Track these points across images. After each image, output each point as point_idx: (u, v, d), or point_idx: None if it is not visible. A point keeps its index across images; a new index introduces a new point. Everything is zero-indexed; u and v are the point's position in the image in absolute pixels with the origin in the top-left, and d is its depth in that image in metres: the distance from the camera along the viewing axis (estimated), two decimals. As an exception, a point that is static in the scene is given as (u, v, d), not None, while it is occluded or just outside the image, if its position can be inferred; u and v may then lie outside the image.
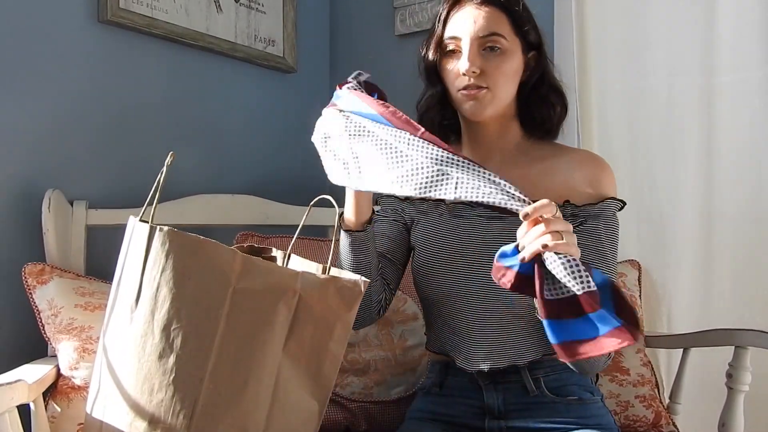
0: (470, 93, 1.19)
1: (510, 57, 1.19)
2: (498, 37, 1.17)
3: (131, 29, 1.69)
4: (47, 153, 1.54)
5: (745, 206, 1.64)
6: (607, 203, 1.21)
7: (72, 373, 1.30)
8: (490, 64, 1.18)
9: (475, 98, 1.19)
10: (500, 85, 1.19)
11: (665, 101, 1.73)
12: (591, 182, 1.21)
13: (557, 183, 1.22)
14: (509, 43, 1.18)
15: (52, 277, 1.39)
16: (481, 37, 1.17)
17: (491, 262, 1.05)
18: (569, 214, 1.19)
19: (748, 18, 1.63)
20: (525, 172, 1.23)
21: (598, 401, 1.24)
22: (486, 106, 1.20)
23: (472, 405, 1.23)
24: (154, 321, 0.92)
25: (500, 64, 1.18)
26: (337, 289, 1.00)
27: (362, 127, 1.09)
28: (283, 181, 2.10)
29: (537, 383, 1.20)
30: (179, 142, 1.82)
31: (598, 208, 1.20)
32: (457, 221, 1.24)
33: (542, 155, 1.26)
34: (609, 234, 1.20)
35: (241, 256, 0.93)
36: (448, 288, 1.22)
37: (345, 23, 2.29)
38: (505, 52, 1.18)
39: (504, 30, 1.18)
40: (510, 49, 1.19)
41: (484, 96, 1.19)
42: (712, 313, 1.68)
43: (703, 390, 1.61)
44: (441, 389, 1.28)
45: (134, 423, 0.93)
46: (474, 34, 1.18)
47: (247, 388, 0.94)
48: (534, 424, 1.19)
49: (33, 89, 1.52)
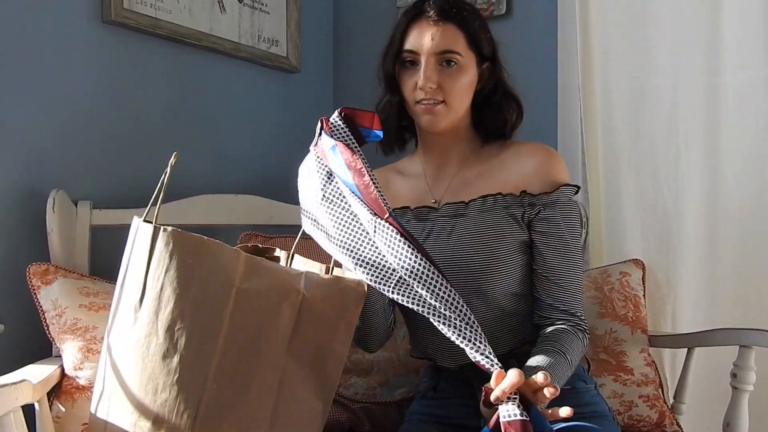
0: (427, 107, 1.24)
1: (465, 71, 1.23)
2: (454, 54, 1.22)
3: (135, 29, 1.69)
4: (51, 153, 1.54)
5: (749, 205, 1.64)
6: (562, 190, 1.24)
7: (76, 373, 1.30)
8: (446, 79, 1.23)
9: (431, 112, 1.24)
10: (456, 98, 1.24)
11: (670, 101, 1.73)
12: (543, 171, 1.26)
13: (512, 175, 1.27)
14: (464, 59, 1.23)
15: (57, 278, 1.39)
16: (438, 54, 1.22)
17: (457, 259, 1.19)
18: (527, 204, 1.24)
19: (752, 18, 1.62)
20: (481, 170, 1.29)
21: (592, 389, 1.26)
22: (442, 120, 1.25)
23: (466, 405, 1.24)
24: (158, 321, 0.92)
25: (456, 78, 1.23)
26: (341, 289, 1.01)
27: (340, 195, 1.10)
28: (287, 181, 2.08)
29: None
30: (183, 142, 1.82)
31: (554, 196, 1.24)
32: (423, 224, 1.28)
33: (496, 152, 1.31)
34: (567, 219, 1.24)
35: (245, 257, 0.93)
36: None
37: (348, 23, 2.29)
38: (460, 67, 1.23)
39: (459, 46, 1.22)
40: (465, 63, 1.23)
41: (440, 110, 1.24)
42: (717, 312, 1.67)
43: (708, 390, 1.61)
44: (435, 392, 1.30)
45: (138, 423, 0.93)
46: (431, 50, 1.22)
47: (251, 388, 0.94)
48: None
49: (37, 90, 1.52)
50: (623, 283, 1.61)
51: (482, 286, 1.20)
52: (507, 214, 1.23)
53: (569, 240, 1.23)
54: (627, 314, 1.56)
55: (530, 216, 1.23)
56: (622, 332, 1.55)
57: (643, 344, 1.55)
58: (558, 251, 1.22)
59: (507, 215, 1.23)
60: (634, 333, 1.55)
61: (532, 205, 1.23)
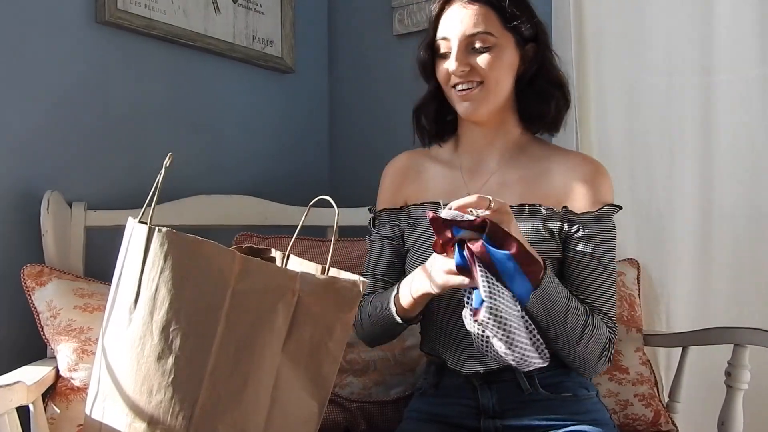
0: (463, 94, 1.21)
1: (500, 52, 1.20)
2: (485, 35, 1.19)
3: (129, 30, 1.69)
4: (46, 154, 1.54)
5: (743, 204, 1.64)
6: (605, 210, 1.21)
7: (71, 375, 1.30)
8: (479, 61, 1.19)
9: (468, 98, 1.21)
10: (492, 78, 1.20)
11: (663, 99, 1.73)
12: (589, 188, 1.22)
13: (556, 187, 1.24)
14: (498, 39, 1.19)
15: (51, 279, 1.39)
16: (468, 36, 1.19)
17: None
18: (566, 219, 1.20)
19: (745, 16, 1.63)
20: (523, 174, 1.25)
21: (593, 396, 1.25)
22: (480, 104, 1.21)
23: (467, 405, 1.24)
24: (153, 322, 0.92)
25: (490, 59, 1.19)
26: (337, 289, 1.00)
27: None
28: (282, 182, 2.10)
29: (531, 381, 1.20)
30: (178, 142, 1.82)
31: (596, 215, 1.21)
32: None
33: (540, 155, 1.27)
34: (605, 239, 1.21)
35: (240, 257, 0.93)
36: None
37: (343, 23, 2.29)
38: (494, 48, 1.19)
39: (492, 27, 1.19)
40: (499, 44, 1.20)
41: (477, 94, 1.21)
42: (711, 311, 1.68)
43: (703, 388, 1.61)
44: (437, 390, 1.28)
45: (133, 424, 0.93)
46: (461, 34, 1.20)
47: (247, 389, 0.94)
48: (529, 422, 1.19)
49: (31, 90, 1.52)
50: (618, 282, 1.61)
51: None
52: (544, 228, 1.20)
53: (604, 259, 1.20)
54: (622, 313, 1.57)
55: (567, 233, 1.21)
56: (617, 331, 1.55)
57: (638, 343, 1.56)
58: (592, 272, 1.19)
59: (544, 229, 1.20)
60: (629, 332, 1.56)
61: (572, 222, 1.20)
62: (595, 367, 1.20)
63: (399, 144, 1.44)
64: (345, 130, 2.27)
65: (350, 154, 2.24)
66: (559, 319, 1.12)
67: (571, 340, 1.14)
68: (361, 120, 2.23)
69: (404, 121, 1.38)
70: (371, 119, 2.20)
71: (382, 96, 2.18)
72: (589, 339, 1.15)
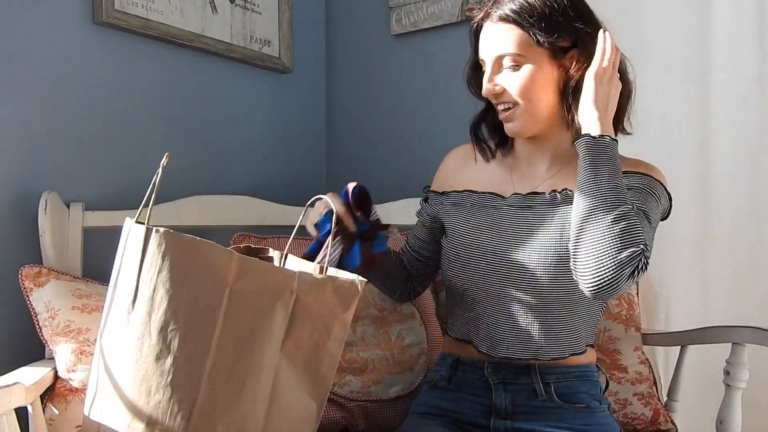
0: (504, 115, 1.22)
1: (530, 70, 1.17)
2: (513, 55, 1.17)
3: (126, 30, 1.69)
4: (43, 155, 1.54)
5: (741, 204, 1.64)
6: (648, 178, 1.22)
7: (69, 376, 1.30)
8: (510, 82, 1.18)
9: (509, 119, 1.21)
10: (525, 98, 1.18)
11: (661, 100, 1.73)
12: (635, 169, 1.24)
13: None
14: (526, 57, 1.16)
15: (49, 280, 1.38)
16: (497, 57, 1.18)
17: (520, 250, 1.18)
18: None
19: (743, 17, 1.63)
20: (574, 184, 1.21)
21: (605, 410, 1.25)
22: (521, 124, 1.21)
23: (479, 403, 1.24)
24: (150, 322, 0.92)
25: (520, 80, 1.17)
26: (335, 288, 1.00)
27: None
28: (280, 182, 2.10)
29: (547, 388, 1.20)
30: (175, 143, 1.81)
31: (638, 178, 1.21)
32: (487, 210, 1.26)
33: None
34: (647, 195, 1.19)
35: (238, 257, 0.93)
36: (476, 275, 1.23)
37: (340, 23, 2.29)
38: (524, 67, 1.17)
39: (518, 46, 1.16)
40: (529, 61, 1.16)
41: (513, 114, 1.20)
42: (710, 310, 1.68)
43: (701, 387, 1.61)
44: (449, 383, 1.28)
45: (132, 425, 0.93)
46: (491, 56, 1.20)
47: (245, 389, 0.94)
48: (540, 428, 1.19)
49: (28, 91, 1.52)
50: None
51: (545, 286, 1.18)
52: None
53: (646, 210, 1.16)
54: (621, 312, 1.57)
55: None
56: (615, 330, 1.56)
57: (636, 342, 1.56)
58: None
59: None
60: (628, 331, 1.56)
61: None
62: (618, 257, 1.03)
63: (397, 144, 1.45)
64: (342, 130, 2.27)
65: (348, 155, 2.24)
66: (604, 173, 1.09)
67: (605, 204, 1.07)
68: (359, 120, 2.23)
69: (402, 121, 1.38)
70: (369, 119, 2.19)
71: (380, 96, 2.18)
72: (622, 218, 1.05)
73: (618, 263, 1.03)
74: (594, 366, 1.28)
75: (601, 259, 1.04)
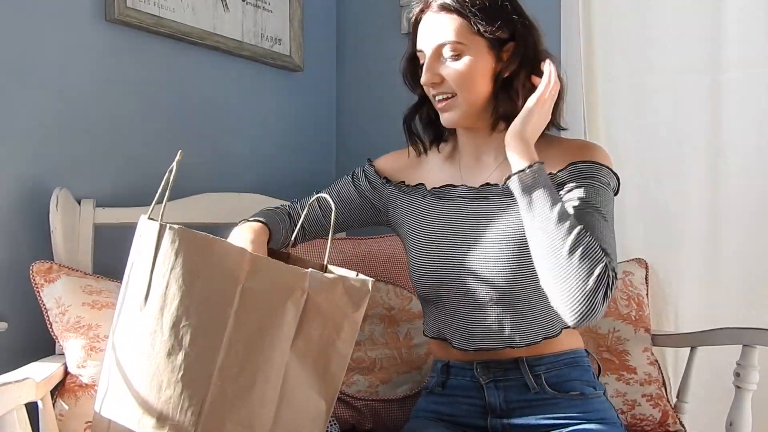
0: (441, 105, 1.22)
1: (470, 59, 1.17)
2: (453, 44, 1.17)
3: (138, 28, 1.69)
4: (54, 151, 1.55)
5: (753, 204, 1.63)
6: (590, 164, 1.19)
7: (79, 371, 1.30)
8: (449, 71, 1.19)
9: (446, 108, 1.22)
10: (463, 89, 1.19)
11: (672, 98, 1.72)
12: (578, 155, 1.21)
13: (553, 172, 1.22)
14: (466, 46, 1.17)
15: (60, 276, 1.39)
16: (438, 46, 1.19)
17: (480, 242, 1.17)
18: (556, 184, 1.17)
19: (755, 14, 1.62)
20: None
21: (601, 395, 1.25)
22: (457, 113, 1.21)
23: (474, 404, 1.24)
24: (163, 318, 0.92)
25: (459, 68, 1.18)
26: (345, 288, 1.01)
27: None
28: (290, 180, 2.10)
29: (537, 380, 1.20)
30: (186, 140, 1.82)
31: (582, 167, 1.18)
32: (441, 203, 1.27)
33: (540, 148, 1.21)
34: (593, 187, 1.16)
35: (250, 255, 0.94)
36: (440, 271, 1.24)
37: (352, 22, 2.29)
38: (464, 56, 1.18)
39: (459, 35, 1.17)
40: (470, 51, 1.17)
41: (451, 104, 1.21)
42: (720, 311, 1.67)
43: (711, 389, 1.61)
44: (443, 389, 1.29)
45: (142, 420, 0.93)
46: (430, 46, 1.20)
47: (255, 386, 0.94)
48: (536, 421, 1.20)
49: (40, 88, 1.52)
50: (626, 282, 1.61)
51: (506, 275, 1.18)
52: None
53: (597, 205, 1.13)
54: (630, 313, 1.56)
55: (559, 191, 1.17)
56: (625, 331, 1.55)
57: (646, 343, 1.55)
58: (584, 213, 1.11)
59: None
60: (637, 332, 1.55)
61: (560, 185, 1.18)
62: (585, 287, 1.03)
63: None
64: (352, 128, 2.27)
65: (357, 153, 2.24)
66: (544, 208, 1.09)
67: (556, 240, 1.06)
68: (369, 118, 2.23)
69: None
70: (379, 118, 2.19)
71: (390, 95, 2.17)
72: (577, 244, 1.05)
73: (588, 292, 1.04)
74: (582, 351, 1.27)
75: (571, 294, 1.05)
